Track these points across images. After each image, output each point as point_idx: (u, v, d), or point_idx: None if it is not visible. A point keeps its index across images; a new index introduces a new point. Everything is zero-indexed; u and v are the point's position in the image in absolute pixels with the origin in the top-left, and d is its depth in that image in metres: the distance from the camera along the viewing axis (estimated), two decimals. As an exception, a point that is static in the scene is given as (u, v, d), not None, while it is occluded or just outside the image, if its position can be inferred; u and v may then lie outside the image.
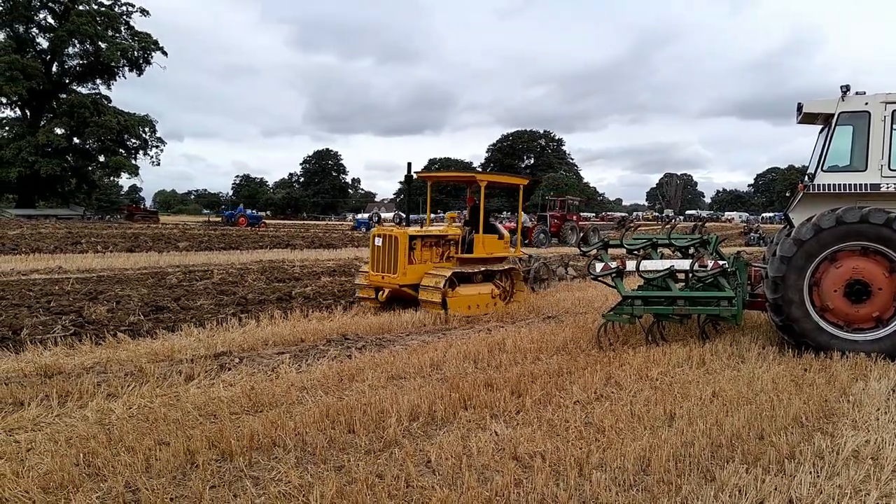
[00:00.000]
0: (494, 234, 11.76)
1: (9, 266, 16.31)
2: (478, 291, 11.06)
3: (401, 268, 10.61)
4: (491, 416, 5.48)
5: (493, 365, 7.25)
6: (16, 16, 50.77)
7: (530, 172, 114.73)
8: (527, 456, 4.65)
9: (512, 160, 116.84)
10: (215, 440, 4.75)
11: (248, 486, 4.07)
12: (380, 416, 5.36)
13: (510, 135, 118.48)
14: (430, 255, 11.24)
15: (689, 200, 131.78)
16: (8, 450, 4.57)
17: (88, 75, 55.84)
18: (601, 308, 10.80)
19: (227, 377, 6.69)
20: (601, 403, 5.92)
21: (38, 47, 53.83)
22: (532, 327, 9.62)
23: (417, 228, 11.37)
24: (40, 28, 53.40)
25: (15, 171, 48.82)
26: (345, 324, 9.71)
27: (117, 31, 55.03)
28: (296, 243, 29.75)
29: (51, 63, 54.16)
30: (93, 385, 6.08)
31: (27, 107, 53.63)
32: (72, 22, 50.79)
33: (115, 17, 54.60)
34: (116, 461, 4.34)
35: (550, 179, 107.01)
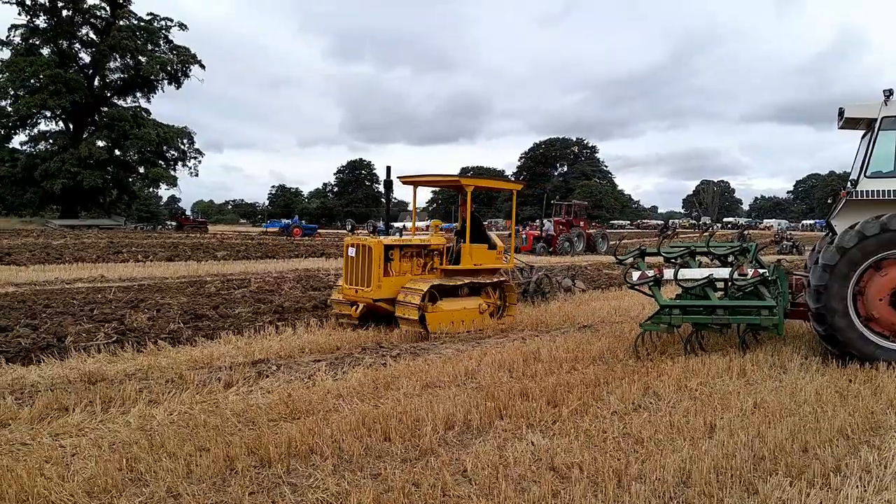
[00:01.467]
0: (484, 244, 10.79)
1: (53, 275, 16.76)
2: (462, 306, 10.12)
3: (375, 280, 9.64)
4: (527, 425, 5.45)
5: (529, 374, 7.20)
6: (59, 32, 52.39)
7: (563, 180, 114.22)
8: (564, 467, 4.60)
9: (545, 168, 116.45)
10: (254, 447, 4.80)
11: (287, 493, 4.11)
12: (415, 424, 5.37)
13: (543, 142, 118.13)
14: (410, 266, 10.29)
15: (727, 208, 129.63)
16: (54, 454, 4.69)
17: (129, 89, 57.27)
18: (638, 317, 10.68)
19: (265, 384, 6.77)
20: (639, 414, 5.85)
21: (81, 62, 55.44)
22: (567, 337, 9.55)
23: (395, 238, 10.60)
24: (83, 43, 54.99)
25: (59, 183, 50.22)
26: (379, 332, 9.75)
27: (156, 46, 56.39)
28: (330, 252, 29.99)
29: (93, 77, 55.69)
30: (135, 391, 6.21)
31: (70, 120, 55.20)
32: (113, 37, 52.21)
33: (154, 31, 55.97)
34: (158, 466, 4.42)
35: (584, 187, 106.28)
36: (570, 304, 13.12)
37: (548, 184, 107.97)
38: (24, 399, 6.02)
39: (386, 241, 10.00)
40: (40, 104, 50.11)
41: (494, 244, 10.97)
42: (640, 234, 62.64)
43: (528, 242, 34.18)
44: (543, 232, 35.39)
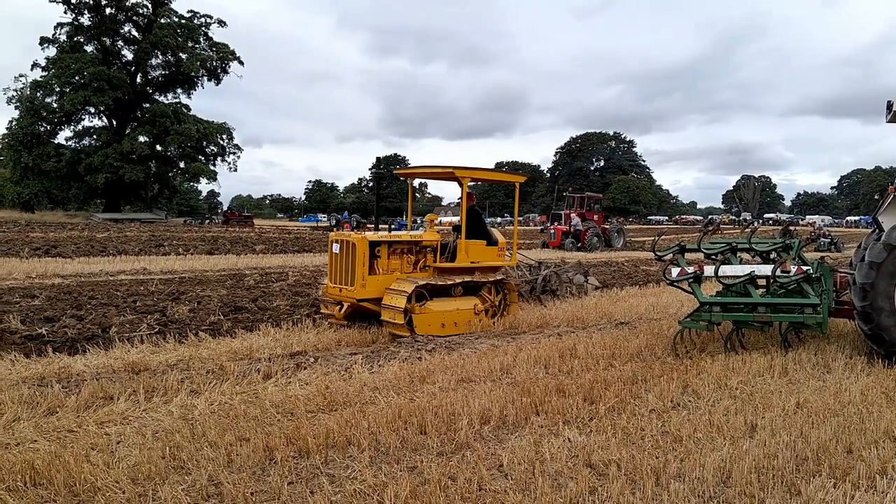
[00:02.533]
0: (482, 241, 10.16)
1: (98, 267, 17.20)
2: (455, 307, 9.49)
3: (359, 279, 8.96)
4: (563, 422, 5.42)
5: (565, 371, 7.16)
6: (103, 29, 53.67)
7: (599, 175, 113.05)
8: (601, 464, 4.57)
9: (581, 163, 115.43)
10: (293, 437, 4.87)
11: (325, 484, 4.15)
12: (451, 418, 5.38)
13: (578, 137, 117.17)
14: (399, 264, 9.62)
15: (768, 203, 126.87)
16: (100, 442, 4.82)
17: (170, 85, 58.41)
18: (676, 314, 10.53)
19: (302, 376, 6.86)
20: (678, 412, 5.77)
21: (124, 59, 56.74)
22: (604, 333, 9.46)
23: (382, 233, 9.78)
24: (125, 41, 56.25)
25: (102, 177, 51.52)
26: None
27: (196, 43, 57.36)
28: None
29: (135, 74, 56.94)
30: (177, 381, 6.34)
31: (113, 116, 56.54)
32: (154, 34, 53.28)
33: (194, 28, 56.94)
34: (200, 455, 4.51)
35: (621, 182, 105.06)
36: (606, 300, 12.97)
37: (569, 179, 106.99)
38: (71, 387, 6.19)
39: (371, 237, 9.28)
40: (84, 101, 51.41)
41: (495, 240, 10.42)
42: (679, 230, 61.74)
43: (556, 238, 33.02)
44: (572, 227, 33.80)
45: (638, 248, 35.42)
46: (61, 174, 53.09)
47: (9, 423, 5.20)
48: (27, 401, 5.63)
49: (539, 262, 14.40)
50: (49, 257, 19.72)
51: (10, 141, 52.69)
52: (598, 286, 14.74)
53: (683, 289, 8.75)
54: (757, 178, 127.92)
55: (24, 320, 9.15)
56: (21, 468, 4.18)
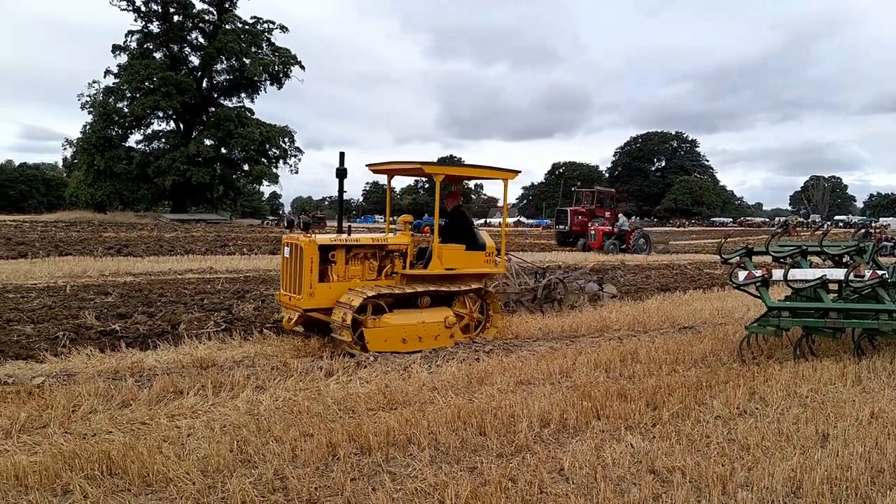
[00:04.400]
0: (460, 245, 9.09)
1: (167, 266, 17.83)
2: (420, 320, 8.39)
3: (306, 287, 7.97)
4: (625, 427, 5.34)
5: (626, 375, 7.05)
6: (171, 36, 55.55)
7: (660, 175, 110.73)
8: (665, 470, 4.48)
9: (641, 163, 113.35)
10: (354, 434, 4.94)
11: (386, 481, 4.20)
12: (510, 420, 5.37)
13: (639, 137, 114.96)
14: (360, 270, 8.56)
15: (838, 205, 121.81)
16: (171, 434, 4.99)
17: (234, 90, 59.96)
18: (742, 319, 10.22)
19: (363, 374, 6.96)
20: (745, 420, 5.61)
21: (190, 65, 58.54)
22: (667, 337, 9.26)
23: (335, 236, 8.62)
24: (192, 47, 58.04)
25: (169, 179, 53.31)
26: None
27: (259, 48, 58.77)
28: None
29: (201, 79, 58.70)
30: (243, 377, 6.53)
31: (181, 120, 58.42)
32: (219, 40, 54.82)
33: (257, 34, 58.32)
34: (266, 450, 4.63)
35: (682, 183, 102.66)
36: (669, 303, 12.69)
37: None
38: (143, 381, 6.44)
39: (321, 241, 8.24)
40: (153, 105, 53.27)
41: (482, 244, 9.36)
42: (744, 233, 59.93)
43: (596, 239, 30.36)
44: (617, 227, 30.79)
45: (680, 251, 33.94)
46: (131, 176, 55.16)
47: (86, 414, 5.45)
48: (102, 393, 5.88)
49: (544, 268, 13.24)
50: (121, 256, 20.54)
51: (84, 144, 55.07)
52: (614, 295, 13.37)
53: (750, 293, 8.49)
54: (826, 178, 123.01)
55: (98, 316, 9.56)
56: (98, 458, 4.37)
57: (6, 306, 10.21)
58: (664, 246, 33.13)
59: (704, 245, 39.85)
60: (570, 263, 20.92)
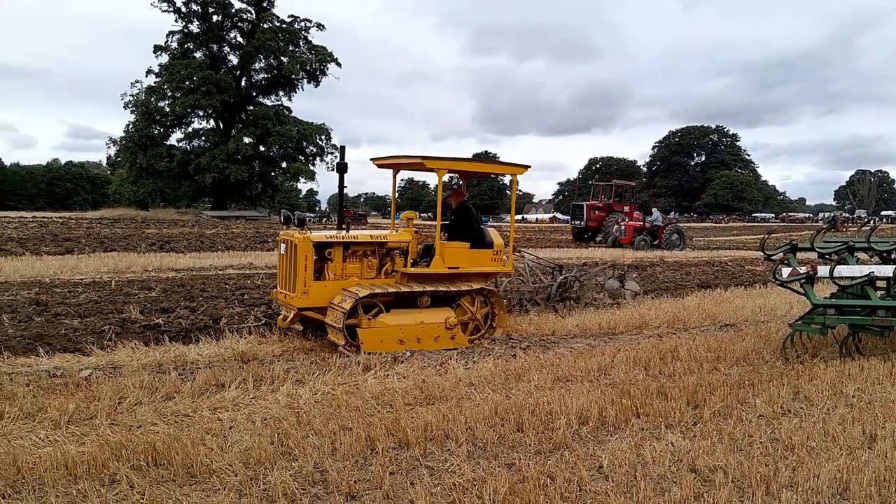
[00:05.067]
0: (465, 243, 8.79)
1: (208, 262, 18.16)
2: (419, 320, 8.09)
3: (300, 285, 7.77)
4: (665, 425, 5.27)
5: (666, 373, 6.96)
6: (210, 36, 56.49)
7: (700, 170, 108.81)
8: (706, 469, 4.42)
9: (680, 157, 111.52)
10: (392, 429, 4.98)
11: (425, 476, 4.22)
12: (548, 417, 5.34)
13: (678, 131, 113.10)
14: (359, 268, 8.31)
15: (885, 200, 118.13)
16: (213, 427, 5.09)
17: (272, 88, 60.73)
18: (785, 317, 10.00)
19: (400, 369, 7.00)
20: (788, 419, 5.49)
21: (230, 64, 59.44)
22: (708, 335, 9.10)
23: (331, 233, 8.39)
24: (231, 46, 58.90)
25: (209, 177, 54.28)
26: (508, 324, 9.77)
27: (297, 46, 59.39)
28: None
29: (240, 78, 59.56)
30: (283, 371, 6.62)
31: (220, 118, 59.39)
32: (257, 39, 55.55)
33: (295, 32, 58.93)
34: (306, 443, 4.69)
35: (723, 178, 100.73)
36: (709, 300, 12.45)
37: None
38: (186, 374, 6.58)
39: (316, 238, 8.01)
40: (194, 104, 54.26)
41: (490, 242, 9.03)
42: (788, 228, 58.55)
43: (626, 234, 29.16)
44: (650, 222, 29.58)
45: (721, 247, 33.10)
46: (173, 174, 56.28)
47: (131, 406, 5.58)
48: (147, 386, 6.02)
49: (559, 265, 12.62)
50: (163, 252, 20.98)
51: (127, 143, 56.40)
52: (637, 292, 12.74)
53: (794, 290, 8.30)
54: (873, 172, 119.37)
55: (142, 311, 9.79)
56: (144, 449, 4.47)
57: (54, 300, 10.52)
58: (689, 242, 31.93)
59: (745, 241, 39.04)
60: (606, 260, 20.71)
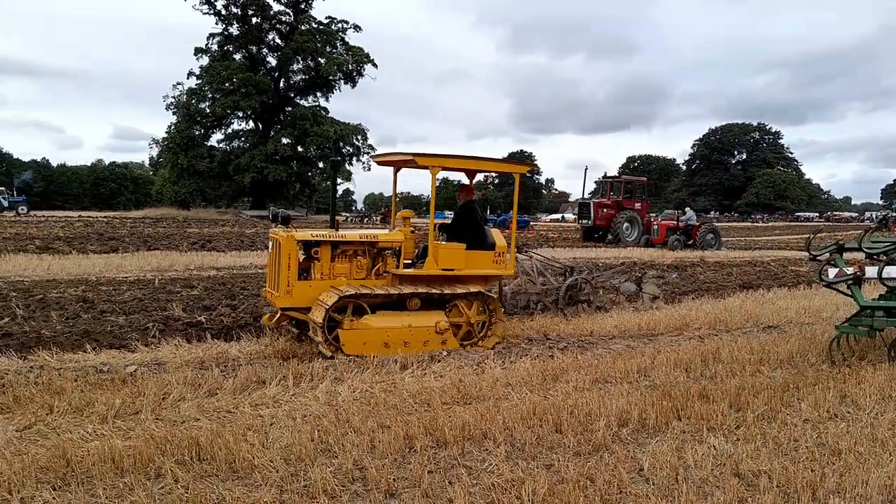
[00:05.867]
0: (461, 244, 8.36)
1: (248, 261, 18.46)
2: (407, 323, 7.74)
3: (283, 284, 7.56)
4: (707, 428, 5.18)
5: (708, 375, 6.84)
6: (250, 38, 57.43)
7: (742, 169, 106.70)
8: (750, 474, 4.33)
9: (720, 155, 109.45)
10: (430, 428, 4.99)
11: (463, 475, 4.22)
12: (587, 418, 5.29)
13: (718, 128, 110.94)
14: (348, 268, 7.99)
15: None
16: (255, 423, 5.16)
17: (309, 89, 61.45)
18: (831, 319, 9.75)
19: (436, 368, 7.02)
20: (835, 424, 5.36)
21: (268, 65, 60.34)
22: (750, 337, 8.93)
23: (319, 231, 8.16)
24: (269, 48, 59.79)
25: (249, 177, 55.19)
26: (545, 324, 9.72)
27: (333, 47, 59.97)
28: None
29: (278, 79, 60.40)
30: (322, 369, 6.69)
31: (259, 119, 60.32)
32: (295, 41, 56.27)
33: (332, 34, 59.51)
34: (345, 440, 4.73)
35: (765, 176, 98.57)
36: (752, 301, 12.21)
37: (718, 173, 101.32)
38: (228, 371, 6.69)
39: (301, 236, 7.80)
40: (234, 105, 55.23)
41: (492, 243, 8.64)
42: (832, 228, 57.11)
43: (660, 234, 28.47)
44: (684, 221, 28.62)
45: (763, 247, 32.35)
46: (213, 174, 57.36)
47: (175, 402, 5.70)
48: (190, 382, 6.14)
49: (570, 266, 11.97)
50: (205, 251, 21.38)
51: (169, 144, 57.75)
52: (656, 296, 12.11)
53: (841, 291, 8.08)
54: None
55: (185, 308, 9.99)
56: (188, 444, 4.56)
57: (100, 298, 10.80)
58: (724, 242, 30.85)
59: (788, 241, 38.18)
60: (644, 261, 20.47)
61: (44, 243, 20.25)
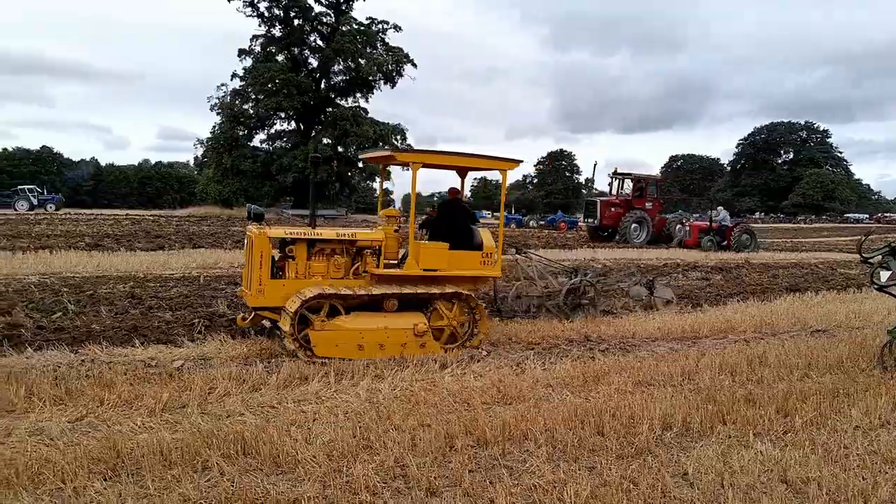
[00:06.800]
0: (444, 243, 8.06)
1: (288, 259, 18.67)
2: (383, 325, 7.42)
3: (255, 283, 7.41)
4: (753, 433, 5.09)
5: (754, 379, 6.69)
6: (292, 40, 58.21)
7: (788, 169, 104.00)
8: (799, 481, 4.24)
9: (766, 155, 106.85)
10: (471, 427, 4.99)
11: (504, 476, 4.22)
12: (630, 421, 5.24)
13: (764, 127, 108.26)
14: (325, 267, 7.78)
15: None
16: (298, 419, 5.24)
17: (350, 89, 62.00)
18: (883, 323, 9.44)
19: (476, 368, 7.02)
20: (888, 431, 5.21)
21: (310, 66, 61.06)
22: (798, 341, 8.70)
23: (293, 229, 8.02)
24: (311, 49, 60.44)
25: (290, 177, 55.93)
26: (586, 325, 9.63)
27: (374, 48, 60.40)
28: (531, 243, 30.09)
29: (320, 80, 61.05)
30: (362, 366, 6.75)
31: (300, 120, 61.09)
32: (336, 42, 56.81)
33: (372, 34, 59.92)
34: (386, 437, 4.77)
35: (813, 176, 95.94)
36: (799, 304, 11.90)
37: None
38: (271, 367, 6.78)
39: (272, 233, 7.66)
40: (276, 106, 56.02)
41: (479, 243, 8.36)
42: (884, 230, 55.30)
43: (691, 235, 27.33)
44: (717, 222, 27.15)
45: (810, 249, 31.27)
46: (256, 174, 58.25)
47: (220, 396, 5.81)
48: (235, 377, 6.25)
49: (575, 268, 11.45)
50: (247, 249, 21.68)
51: (213, 144, 58.88)
52: (670, 300, 11.47)
53: (893, 294, 7.83)
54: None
55: (229, 305, 10.17)
56: (233, 438, 4.65)
57: (147, 294, 11.07)
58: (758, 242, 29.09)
59: (836, 243, 37.10)
60: (687, 262, 20.11)
61: (93, 240, 20.84)
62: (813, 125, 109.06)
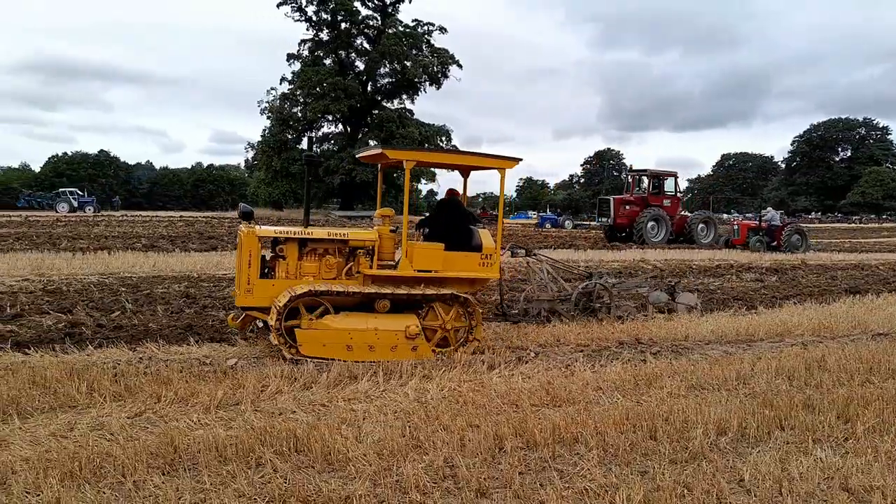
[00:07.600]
0: (439, 244, 7.85)
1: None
2: (373, 326, 7.22)
3: (243, 282, 7.32)
4: (813, 440, 4.92)
5: (812, 384, 6.49)
6: (339, 44, 59.03)
7: (846, 167, 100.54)
8: (861, 489, 4.09)
9: (823, 153, 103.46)
10: (520, 429, 4.96)
11: (555, 478, 4.18)
12: (683, 425, 5.13)
13: (821, 124, 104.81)
14: (317, 268, 7.65)
15: None
16: (348, 417, 5.30)
17: (396, 92, 62.52)
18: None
19: (524, 370, 6.99)
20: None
21: (356, 69, 61.78)
22: (859, 345, 8.40)
23: (284, 228, 7.89)
24: (357, 52, 61.21)
25: (338, 179, 56.73)
26: (636, 328, 9.48)
27: (419, 50, 60.74)
28: (579, 244, 29.82)
29: (366, 83, 61.73)
30: (411, 366, 6.78)
31: (347, 123, 61.88)
32: (383, 45, 57.35)
33: (418, 37, 60.31)
34: (435, 437, 4.78)
35: (872, 175, 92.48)
36: (860, 307, 11.48)
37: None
38: (322, 366, 6.87)
39: (263, 232, 7.54)
40: (324, 109, 56.86)
41: (478, 244, 8.11)
42: None
43: (740, 235, 26.60)
44: (766, 222, 26.30)
45: (870, 250, 30.11)
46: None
47: (272, 394, 5.91)
48: (287, 376, 6.36)
49: (589, 272, 11.17)
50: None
51: (263, 147, 60.14)
52: (693, 306, 10.93)
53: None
54: None
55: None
56: (286, 436, 4.72)
57: (201, 294, 11.35)
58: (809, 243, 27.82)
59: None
60: (741, 263, 19.60)
61: (149, 241, 21.48)
62: (872, 122, 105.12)
